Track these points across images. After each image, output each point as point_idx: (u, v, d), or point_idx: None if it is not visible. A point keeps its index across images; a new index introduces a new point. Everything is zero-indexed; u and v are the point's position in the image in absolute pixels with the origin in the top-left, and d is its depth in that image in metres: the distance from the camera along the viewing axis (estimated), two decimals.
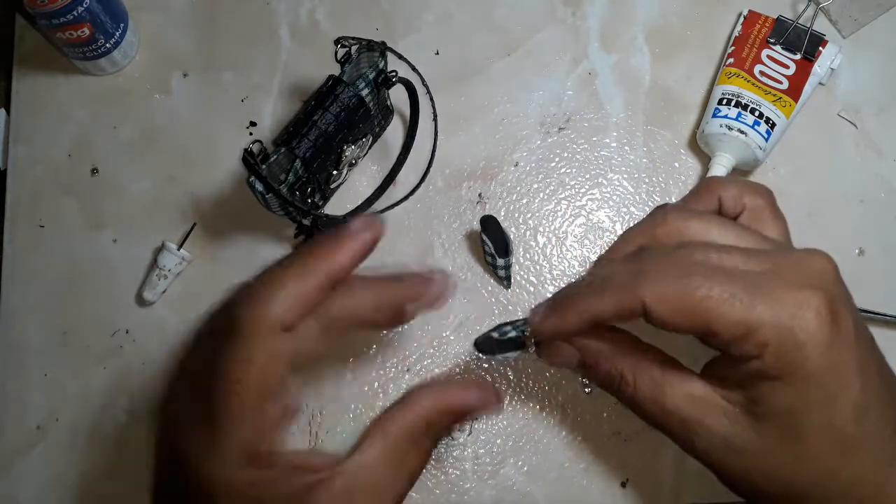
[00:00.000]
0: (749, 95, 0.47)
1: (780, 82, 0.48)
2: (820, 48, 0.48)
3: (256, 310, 0.29)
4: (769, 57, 0.48)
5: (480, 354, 0.36)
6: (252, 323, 0.29)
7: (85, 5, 0.46)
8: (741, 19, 0.50)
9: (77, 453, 0.47)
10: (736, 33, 0.50)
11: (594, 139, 0.50)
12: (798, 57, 0.48)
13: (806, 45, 0.48)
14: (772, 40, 0.49)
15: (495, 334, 0.36)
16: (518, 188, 0.50)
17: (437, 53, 0.52)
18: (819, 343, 0.27)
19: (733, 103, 0.47)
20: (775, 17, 0.49)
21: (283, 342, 0.29)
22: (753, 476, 0.30)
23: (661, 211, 0.33)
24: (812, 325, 0.27)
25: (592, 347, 0.32)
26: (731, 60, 0.49)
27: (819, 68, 0.48)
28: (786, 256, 0.29)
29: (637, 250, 0.32)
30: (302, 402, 0.32)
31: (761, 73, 0.48)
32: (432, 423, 0.33)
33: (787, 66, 0.48)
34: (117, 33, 0.49)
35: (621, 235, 0.34)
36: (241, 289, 0.30)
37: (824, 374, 0.27)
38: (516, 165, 0.50)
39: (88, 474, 0.47)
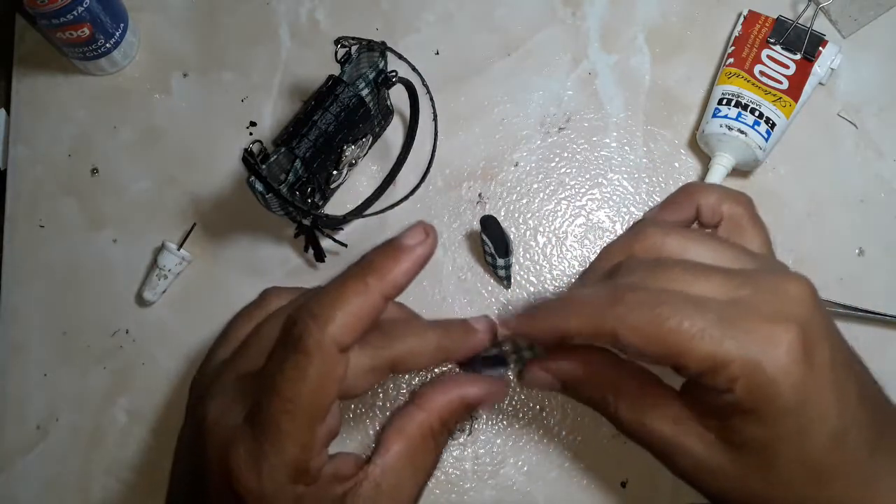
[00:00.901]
0: (749, 95, 0.47)
1: (780, 82, 0.48)
2: (820, 48, 0.48)
3: (315, 329, 0.29)
4: (769, 57, 0.48)
5: (463, 370, 0.37)
6: (310, 343, 0.28)
7: (85, 5, 0.46)
8: (741, 19, 0.50)
9: (77, 453, 0.47)
10: (736, 33, 0.50)
11: (594, 139, 0.50)
12: (798, 57, 0.48)
13: (806, 45, 0.48)
14: (772, 40, 0.49)
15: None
16: (518, 188, 0.50)
17: (437, 53, 0.52)
18: (791, 378, 0.26)
19: (733, 103, 0.47)
20: (775, 17, 0.49)
21: (337, 364, 0.29)
22: (730, 498, 0.30)
23: (639, 226, 0.33)
24: (783, 361, 0.26)
25: (571, 373, 0.32)
26: (731, 60, 0.49)
27: (819, 68, 0.48)
28: (761, 281, 0.28)
29: (615, 266, 0.31)
30: (342, 424, 0.32)
31: (761, 73, 0.48)
32: (446, 419, 0.34)
33: (787, 66, 0.48)
34: (117, 33, 0.49)
35: (602, 250, 0.34)
36: (302, 304, 0.30)
37: (797, 408, 0.27)
38: (516, 165, 0.50)
39: (88, 474, 0.47)
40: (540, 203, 0.49)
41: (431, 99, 0.51)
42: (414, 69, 0.51)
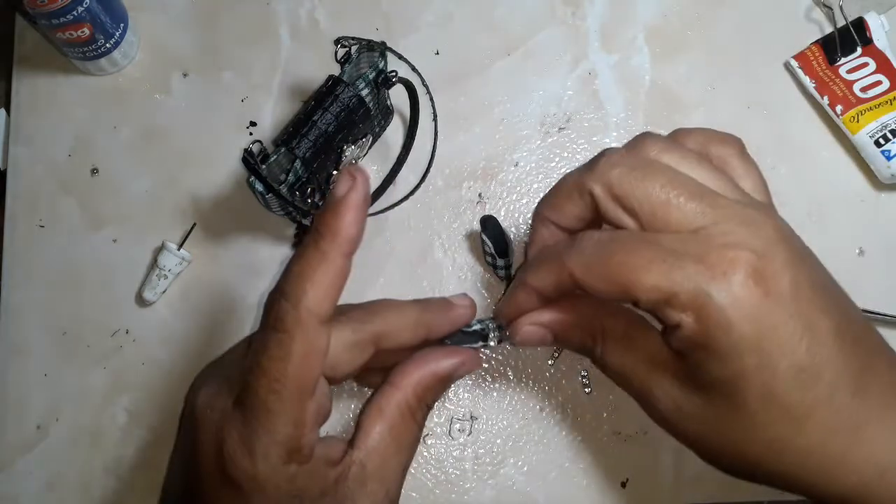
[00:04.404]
0: (883, 120, 0.47)
1: (881, 83, 0.48)
2: (866, 29, 0.49)
3: (290, 308, 0.29)
4: (849, 71, 0.48)
5: (447, 342, 0.38)
6: (288, 321, 0.29)
7: (85, 5, 0.46)
8: (797, 70, 0.50)
9: (77, 453, 0.47)
10: (810, 84, 0.49)
11: (594, 139, 0.50)
12: (859, 52, 0.48)
13: (857, 35, 0.49)
14: (834, 61, 0.49)
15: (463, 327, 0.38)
16: (518, 188, 0.50)
17: (437, 53, 0.52)
18: (743, 306, 0.25)
19: (884, 135, 0.47)
20: (809, 43, 0.50)
21: (319, 336, 0.30)
22: (707, 442, 0.29)
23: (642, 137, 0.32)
24: (732, 288, 0.25)
25: (559, 319, 0.33)
26: (839, 108, 0.48)
27: (880, 41, 0.49)
28: (727, 211, 0.28)
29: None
30: (332, 404, 0.33)
31: (862, 90, 0.48)
32: (422, 395, 0.34)
33: (867, 65, 0.48)
34: (117, 33, 0.49)
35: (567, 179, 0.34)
36: (272, 292, 0.30)
37: (755, 341, 0.26)
38: (516, 165, 0.50)
39: (88, 474, 0.47)
40: None
41: (431, 99, 0.51)
42: (414, 69, 0.51)
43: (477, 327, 0.38)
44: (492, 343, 0.39)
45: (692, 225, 0.27)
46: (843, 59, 0.49)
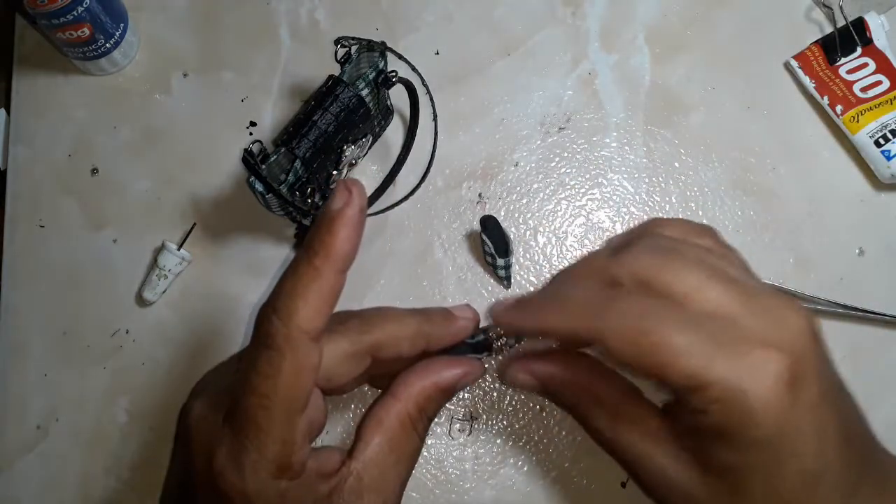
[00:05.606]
0: (884, 119, 0.47)
1: (881, 83, 0.48)
2: (865, 29, 0.49)
3: (281, 325, 0.29)
4: (849, 72, 0.49)
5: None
6: (279, 338, 0.29)
7: (85, 5, 0.46)
8: (797, 70, 0.50)
9: (77, 453, 0.47)
10: (810, 84, 0.49)
11: (594, 139, 0.50)
12: (860, 51, 0.49)
13: (857, 35, 0.49)
14: (834, 61, 0.49)
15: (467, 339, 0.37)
16: (518, 188, 0.50)
17: (437, 53, 0.52)
18: (771, 409, 0.26)
19: (884, 135, 0.47)
20: (809, 43, 0.50)
21: (310, 354, 0.29)
22: None
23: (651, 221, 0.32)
24: (767, 391, 0.26)
25: (551, 376, 0.32)
26: (839, 108, 0.48)
27: (880, 40, 0.49)
28: (761, 301, 0.28)
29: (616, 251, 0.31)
30: (327, 418, 0.32)
31: (861, 90, 0.48)
32: (424, 406, 0.34)
33: (867, 66, 0.48)
34: (117, 33, 0.49)
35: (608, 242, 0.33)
36: (263, 306, 0.30)
37: (773, 441, 0.26)
38: (516, 165, 0.50)
39: (88, 474, 0.47)
40: (540, 203, 0.49)
41: (431, 99, 0.51)
42: (414, 69, 0.51)
43: (481, 338, 0.37)
44: (495, 354, 0.38)
45: (727, 311, 0.27)
46: (843, 59, 0.49)
